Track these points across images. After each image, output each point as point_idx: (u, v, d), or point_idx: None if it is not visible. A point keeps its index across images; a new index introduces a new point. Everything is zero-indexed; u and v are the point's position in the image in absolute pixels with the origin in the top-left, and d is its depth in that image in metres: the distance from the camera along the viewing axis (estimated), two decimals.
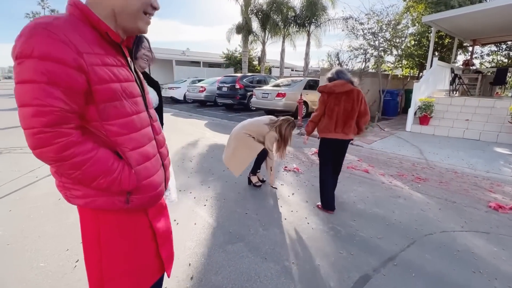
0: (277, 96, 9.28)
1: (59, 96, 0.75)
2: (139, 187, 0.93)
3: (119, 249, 1.00)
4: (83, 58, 0.79)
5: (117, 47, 0.94)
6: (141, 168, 0.94)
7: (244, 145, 3.18)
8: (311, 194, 3.31)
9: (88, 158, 0.82)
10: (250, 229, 2.47)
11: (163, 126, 2.06)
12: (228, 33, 17.53)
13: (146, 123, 1.02)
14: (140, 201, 0.96)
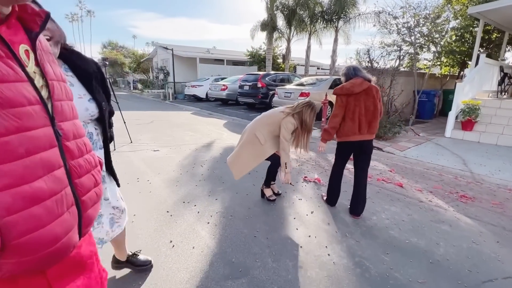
0: (300, 96, 8.73)
1: None
2: (13, 246, 0.56)
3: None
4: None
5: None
6: (18, 218, 0.56)
7: (251, 148, 2.77)
8: (334, 214, 2.82)
9: None
10: (256, 259, 2.05)
11: (111, 141, 1.67)
12: (252, 31, 17.13)
13: (46, 144, 0.64)
14: (19, 266, 0.60)
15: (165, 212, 2.72)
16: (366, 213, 2.83)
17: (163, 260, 2.01)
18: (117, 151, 4.85)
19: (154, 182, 3.50)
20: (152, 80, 24.22)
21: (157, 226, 2.47)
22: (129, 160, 4.39)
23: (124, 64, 32.22)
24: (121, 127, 5.73)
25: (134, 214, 2.66)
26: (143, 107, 12.46)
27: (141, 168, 4.01)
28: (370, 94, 2.55)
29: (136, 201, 2.95)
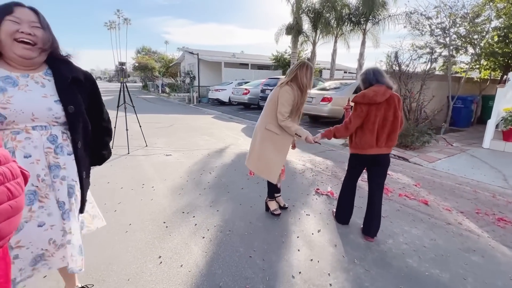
0: (322, 101, 8.40)
1: None
2: None
3: None
4: None
5: None
6: None
7: (269, 144, 2.56)
8: (344, 234, 2.52)
9: None
10: (247, 285, 1.83)
11: (104, 161, 1.60)
12: (277, 35, 16.95)
13: None
14: None
15: (161, 222, 2.60)
16: (382, 235, 2.50)
17: (146, 279, 1.86)
18: (130, 155, 4.87)
19: (158, 189, 3.41)
20: (179, 84, 24.89)
21: (150, 238, 2.34)
22: (140, 164, 4.38)
23: (154, 69, 33.54)
24: (138, 131, 5.80)
25: (130, 224, 2.56)
26: (166, 110, 12.73)
27: (149, 173, 3.96)
28: (392, 103, 2.27)
29: (135, 209, 2.86)
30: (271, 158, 2.58)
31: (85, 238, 2.32)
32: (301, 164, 4.69)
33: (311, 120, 9.76)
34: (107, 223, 2.53)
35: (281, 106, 2.45)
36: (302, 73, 2.47)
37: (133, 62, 38.15)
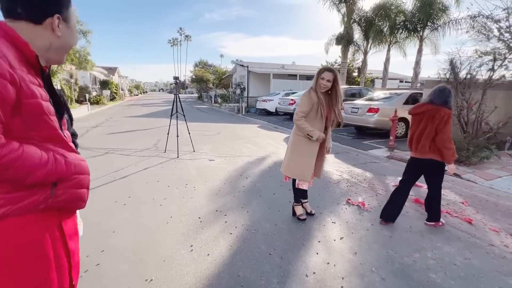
0: (368, 112, 8.15)
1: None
2: (70, 176, 0.94)
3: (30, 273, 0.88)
4: (16, 73, 0.79)
5: (38, 70, 0.91)
6: (74, 163, 0.96)
7: (301, 146, 2.79)
8: (367, 244, 2.53)
9: (17, 156, 0.79)
10: (262, 278, 2.02)
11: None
12: (327, 45, 16.88)
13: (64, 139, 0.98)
14: (65, 196, 0.94)
15: (197, 218, 2.94)
16: (408, 248, 2.45)
17: (178, 262, 2.18)
18: (179, 158, 5.45)
19: (199, 189, 3.80)
20: (230, 94, 26.21)
21: (185, 230, 2.69)
22: (186, 167, 4.88)
23: (209, 81, 35.88)
24: (188, 137, 6.42)
25: (171, 216, 2.96)
26: (216, 119, 13.59)
27: (193, 175, 4.41)
28: (430, 115, 2.71)
29: (177, 204, 3.27)
30: (301, 160, 2.79)
31: (133, 223, 2.77)
32: (337, 174, 4.69)
33: (357, 131, 9.47)
34: (154, 214, 2.98)
35: (298, 107, 2.75)
36: (315, 78, 2.68)
37: (190, 75, 41.40)
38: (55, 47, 0.96)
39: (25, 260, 0.87)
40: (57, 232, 0.96)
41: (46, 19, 0.91)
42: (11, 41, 0.84)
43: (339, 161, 5.66)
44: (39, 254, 0.90)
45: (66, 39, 0.99)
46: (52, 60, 1.00)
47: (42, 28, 0.92)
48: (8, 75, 0.77)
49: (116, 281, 1.96)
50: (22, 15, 0.88)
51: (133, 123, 10.85)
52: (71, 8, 1.00)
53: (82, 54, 12.44)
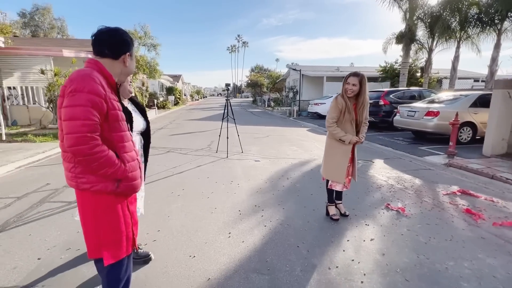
0: (426, 115, 7.57)
1: (96, 115, 1.22)
2: (127, 176, 1.38)
3: (108, 222, 1.39)
4: (106, 94, 1.29)
5: (116, 90, 1.39)
6: (129, 165, 1.41)
7: (334, 149, 2.94)
8: (399, 247, 2.53)
9: (105, 155, 1.27)
10: (287, 265, 2.24)
11: (149, 148, 2.37)
12: (385, 44, 15.97)
13: (130, 137, 1.48)
14: (125, 188, 1.39)
15: (237, 211, 3.28)
16: (444, 256, 2.39)
17: (217, 245, 2.53)
18: (228, 158, 5.94)
19: (242, 186, 4.17)
20: (283, 98, 26.52)
21: (226, 220, 3.05)
22: (233, 166, 5.32)
23: (263, 85, 36.80)
24: (238, 139, 6.91)
25: (215, 208, 3.36)
26: (267, 122, 14.02)
27: (238, 173, 4.81)
28: None
29: (221, 198, 3.68)
30: (333, 161, 2.94)
31: (184, 211, 3.25)
32: (382, 179, 4.58)
33: (415, 136, 8.83)
34: (201, 205, 3.43)
35: (328, 113, 2.90)
36: (343, 83, 2.82)
37: (246, 80, 42.99)
38: (124, 72, 1.48)
39: (106, 213, 1.38)
40: (124, 200, 1.45)
41: (121, 56, 1.39)
42: (101, 72, 1.34)
43: (388, 166, 5.46)
44: (112, 210, 1.40)
45: (130, 67, 1.48)
46: (120, 80, 1.50)
47: (118, 62, 1.41)
48: (103, 96, 1.26)
49: (167, 254, 2.40)
50: (108, 54, 1.38)
51: (192, 126, 11.95)
52: (133, 47, 1.45)
53: (152, 65, 14.16)
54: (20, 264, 2.28)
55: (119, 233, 1.42)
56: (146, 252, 2.33)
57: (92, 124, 1.22)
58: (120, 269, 1.49)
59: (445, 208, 3.41)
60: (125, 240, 1.45)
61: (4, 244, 2.59)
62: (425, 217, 3.17)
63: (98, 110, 1.23)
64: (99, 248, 1.40)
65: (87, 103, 1.20)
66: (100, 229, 1.39)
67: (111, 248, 1.41)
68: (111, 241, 1.41)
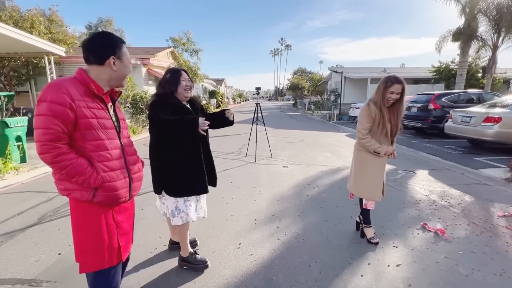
0: (485, 121, 6.62)
1: (57, 124, 1.21)
2: (102, 186, 1.34)
3: (90, 229, 1.38)
4: (74, 103, 1.25)
5: (100, 98, 1.36)
6: (105, 175, 1.35)
7: (367, 163, 2.60)
8: (431, 278, 2.16)
9: (71, 163, 1.26)
10: (293, 286, 2.03)
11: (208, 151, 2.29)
12: (439, 42, 14.48)
13: (117, 146, 1.42)
14: (102, 198, 1.36)
15: (253, 219, 3.15)
16: None
17: (225, 256, 2.43)
18: (256, 163, 5.84)
19: (264, 193, 4.02)
20: (324, 101, 25.71)
21: (239, 229, 2.94)
22: (259, 171, 5.20)
23: (304, 88, 36.15)
24: (268, 144, 6.78)
25: (231, 215, 3.27)
26: (305, 126, 13.63)
27: (263, 180, 4.67)
28: None
29: (240, 204, 3.58)
30: (367, 177, 2.60)
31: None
32: (423, 194, 4.06)
33: (472, 145, 7.79)
34: (218, 211, 3.37)
35: (358, 124, 2.53)
36: (381, 90, 2.43)
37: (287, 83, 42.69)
38: (114, 77, 1.41)
39: (86, 221, 1.37)
40: (108, 210, 1.41)
41: (105, 61, 1.34)
42: (82, 80, 1.33)
43: (433, 179, 4.85)
44: (93, 219, 1.38)
45: (120, 71, 1.41)
46: (114, 85, 1.45)
47: (104, 67, 1.36)
48: (67, 104, 1.22)
49: (174, 261, 2.36)
50: (93, 61, 1.35)
51: (228, 128, 12.08)
52: (122, 50, 1.39)
53: (193, 69, 14.78)
54: (43, 257, 2.44)
55: (100, 242, 1.38)
56: (203, 258, 2.28)
57: (53, 132, 1.20)
58: (103, 279, 1.46)
59: (499, 234, 2.87)
60: (107, 250, 1.41)
61: (35, 237, 2.81)
62: (471, 242, 2.69)
63: (60, 119, 1.21)
64: (80, 254, 1.39)
65: (48, 112, 1.19)
66: (81, 236, 1.38)
67: (91, 257, 1.39)
68: (91, 250, 1.38)
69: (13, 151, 5.27)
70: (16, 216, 3.31)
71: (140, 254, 2.46)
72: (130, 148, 1.54)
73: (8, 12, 12.65)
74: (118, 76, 1.41)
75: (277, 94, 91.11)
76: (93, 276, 1.44)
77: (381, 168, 2.61)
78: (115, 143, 1.42)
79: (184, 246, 2.24)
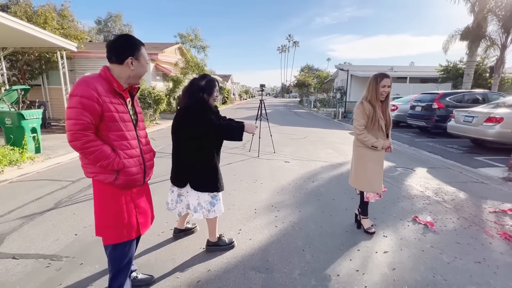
0: (487, 121, 6.69)
1: (87, 115, 1.43)
2: (122, 171, 1.57)
3: (111, 208, 1.61)
4: (101, 98, 1.48)
5: (120, 94, 1.57)
6: (125, 161, 1.58)
7: (365, 158, 2.76)
8: (414, 264, 2.34)
9: (97, 149, 1.48)
10: (287, 267, 2.24)
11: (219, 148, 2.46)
12: (447, 42, 14.41)
13: (134, 137, 1.64)
14: (122, 181, 1.58)
15: (253, 209, 3.36)
16: (464, 279, 2.14)
17: None
18: (259, 158, 6.04)
19: (265, 185, 4.23)
20: (329, 99, 25.72)
21: (240, 217, 3.15)
22: (261, 165, 5.41)
23: (311, 85, 36.09)
24: (273, 139, 6.97)
25: (233, 204, 3.49)
26: (309, 123, 13.77)
27: (264, 173, 4.88)
28: None
29: (241, 196, 3.79)
30: (368, 171, 2.77)
31: None
32: (418, 190, 4.21)
33: (474, 144, 7.85)
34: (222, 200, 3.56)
35: (354, 121, 2.71)
36: (373, 87, 2.61)
37: (293, 80, 42.65)
38: (132, 76, 1.61)
39: (109, 200, 1.60)
40: (128, 191, 1.65)
41: (124, 61, 1.54)
42: (106, 78, 1.54)
43: (430, 176, 4.99)
44: (115, 199, 1.60)
45: (137, 71, 1.62)
46: (132, 83, 1.66)
47: (124, 66, 1.57)
48: (95, 99, 1.44)
49: (179, 243, 2.60)
50: (114, 60, 1.56)
51: None
52: (140, 51, 1.59)
53: (200, 66, 14.99)
54: (61, 237, 2.69)
55: (120, 219, 1.62)
56: (231, 239, 2.54)
57: (83, 123, 1.41)
58: (121, 251, 1.69)
59: (487, 228, 3.02)
60: (126, 226, 1.64)
61: (54, 220, 3.07)
62: (458, 235, 2.86)
63: (89, 111, 1.42)
64: (102, 229, 1.62)
65: (78, 105, 1.40)
66: (104, 213, 1.61)
67: (112, 231, 1.62)
68: (112, 225, 1.61)
69: (28, 142, 5.58)
70: (34, 201, 3.58)
71: (148, 236, 2.69)
72: (145, 139, 1.77)
73: (22, 7, 13.01)
74: (135, 74, 1.61)
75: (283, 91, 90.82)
76: (112, 248, 1.67)
77: (380, 161, 2.78)
78: (132, 134, 1.64)
79: (214, 232, 2.45)
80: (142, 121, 1.79)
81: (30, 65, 11.16)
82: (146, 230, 1.80)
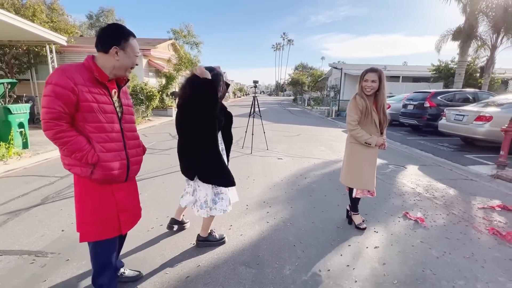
0: (476, 120, 6.78)
1: (60, 104, 1.36)
2: (99, 165, 1.49)
3: (90, 203, 1.55)
4: (77, 87, 1.40)
5: (104, 84, 1.51)
6: (102, 155, 1.49)
7: (359, 155, 2.72)
8: (404, 259, 2.35)
9: (70, 140, 1.41)
10: (277, 262, 2.22)
11: (231, 146, 2.62)
12: (439, 42, 14.56)
13: (117, 130, 1.56)
14: (99, 176, 1.50)
15: (245, 205, 3.34)
16: (453, 273, 2.16)
17: None
18: (252, 154, 6.01)
19: (258, 182, 4.20)
20: (323, 97, 25.81)
21: (232, 213, 3.09)
22: (254, 162, 5.38)
23: (305, 84, 36.15)
24: (266, 136, 6.95)
25: None
26: (303, 121, 13.79)
27: (257, 170, 4.85)
28: None
29: None
30: (361, 168, 2.73)
31: None
32: (410, 187, 4.24)
33: (464, 143, 7.97)
34: None
35: (347, 117, 2.68)
36: (359, 81, 2.63)
37: (288, 78, 42.66)
38: (117, 66, 1.54)
39: (87, 195, 1.54)
40: (107, 187, 1.57)
41: (109, 50, 1.48)
42: (87, 67, 1.48)
43: (421, 173, 5.03)
44: (93, 194, 1.54)
45: (123, 62, 1.54)
46: (118, 75, 1.59)
47: (109, 55, 1.50)
48: (70, 88, 1.37)
49: (168, 240, 2.55)
50: (100, 48, 1.50)
51: None
52: (128, 42, 1.52)
53: (193, 62, 14.84)
54: (47, 233, 2.62)
55: (98, 215, 1.55)
56: (222, 235, 2.53)
57: (55, 112, 1.35)
58: (102, 248, 1.64)
59: (475, 223, 3.06)
60: (105, 223, 1.58)
61: (40, 215, 2.99)
62: (447, 230, 2.88)
63: (63, 100, 1.36)
64: (81, 225, 1.57)
65: (51, 93, 1.35)
66: (83, 208, 1.56)
67: (90, 228, 1.56)
68: (91, 222, 1.55)
69: (15, 137, 5.44)
70: (20, 197, 3.48)
71: (137, 232, 2.64)
72: (132, 133, 1.68)
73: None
74: (120, 65, 1.52)
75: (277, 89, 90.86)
76: (93, 245, 1.63)
77: (373, 158, 2.74)
78: (115, 127, 1.55)
79: (207, 228, 2.43)
80: (130, 114, 1.70)
81: (18, 59, 10.88)
82: (129, 229, 1.73)
